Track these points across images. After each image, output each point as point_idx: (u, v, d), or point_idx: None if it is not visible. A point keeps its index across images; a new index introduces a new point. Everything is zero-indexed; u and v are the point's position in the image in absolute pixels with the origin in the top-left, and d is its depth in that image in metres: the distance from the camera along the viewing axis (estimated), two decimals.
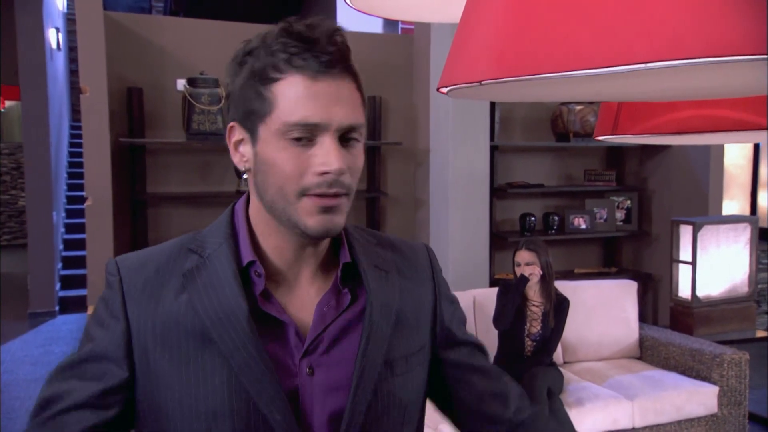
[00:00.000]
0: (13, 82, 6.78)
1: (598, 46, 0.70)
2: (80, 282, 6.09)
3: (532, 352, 2.94)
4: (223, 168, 3.81)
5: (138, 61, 3.71)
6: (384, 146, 4.12)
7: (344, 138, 0.76)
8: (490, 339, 3.00)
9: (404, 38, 4.34)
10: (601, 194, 4.68)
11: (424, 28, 4.11)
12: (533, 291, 2.98)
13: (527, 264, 2.94)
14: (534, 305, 2.97)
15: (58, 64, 7.19)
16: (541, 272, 2.94)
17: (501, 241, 4.36)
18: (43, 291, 5.89)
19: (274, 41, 0.74)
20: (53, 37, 6.51)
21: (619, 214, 4.71)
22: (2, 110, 10.39)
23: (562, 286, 3.22)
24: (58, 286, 6.18)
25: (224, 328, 0.76)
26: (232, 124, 0.79)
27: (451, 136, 3.91)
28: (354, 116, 0.75)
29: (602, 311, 3.45)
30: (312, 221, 0.75)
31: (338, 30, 0.75)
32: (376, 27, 6.35)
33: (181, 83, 3.71)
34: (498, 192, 4.35)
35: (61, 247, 6.73)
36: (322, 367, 0.79)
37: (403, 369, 0.83)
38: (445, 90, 1.03)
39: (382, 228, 4.20)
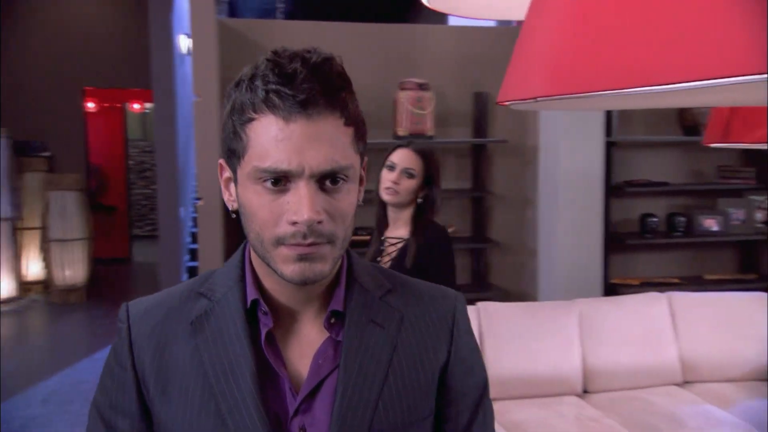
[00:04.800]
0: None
1: (652, 62, 0.63)
2: None
3: None
4: None
5: (245, 65, 3.83)
6: (490, 144, 3.97)
7: (330, 180, 0.69)
8: (598, 362, 2.78)
9: (510, 30, 4.14)
10: (738, 193, 4.22)
11: None
12: (395, 217, 2.11)
13: (404, 171, 2.04)
14: (391, 241, 2.10)
15: (187, 68, 7.67)
16: (413, 190, 2.06)
17: (618, 243, 4.07)
18: (171, 280, 6.34)
19: (258, 74, 0.68)
20: (183, 42, 6.96)
21: (760, 215, 4.22)
22: (147, 111, 11.31)
23: (683, 297, 2.92)
24: (185, 276, 6.63)
25: (228, 383, 0.72)
26: (220, 161, 0.75)
27: (562, 132, 3.71)
28: (334, 158, 0.68)
29: (729, 326, 3.09)
30: (289, 270, 0.69)
31: (328, 61, 0.68)
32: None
33: None
34: (615, 191, 4.07)
35: (188, 240, 7.21)
36: (314, 427, 0.72)
37: None
38: (506, 103, 1.00)
39: (488, 229, 4.06)
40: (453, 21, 6.93)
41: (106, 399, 0.77)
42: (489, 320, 2.74)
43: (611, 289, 3.98)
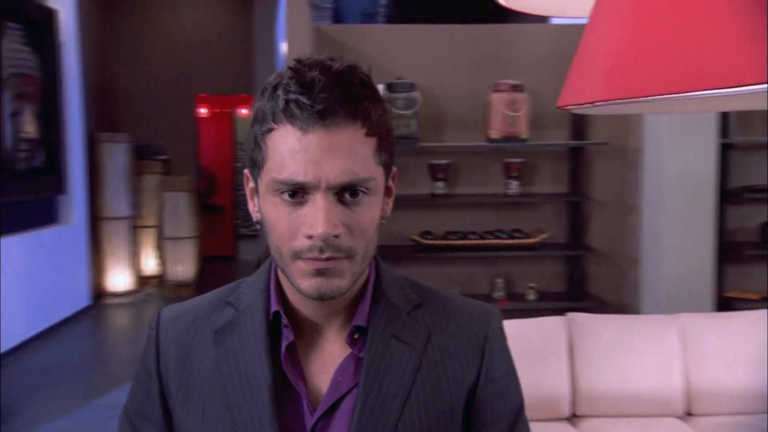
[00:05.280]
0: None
1: (706, 67, 0.63)
2: None
3: None
4: (415, 170, 3.84)
5: None
6: (589, 147, 3.78)
7: (350, 192, 0.66)
8: (703, 383, 2.55)
9: None
10: None
11: None
12: None
13: None
14: None
15: None
16: None
17: (734, 253, 3.75)
18: None
19: (281, 83, 0.66)
20: (286, 49, 7.21)
21: None
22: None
23: None
24: None
25: (244, 396, 0.70)
26: (245, 171, 0.74)
27: (669, 133, 3.48)
28: (353, 170, 0.65)
29: None
30: (306, 284, 0.67)
31: (351, 68, 0.65)
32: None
33: (380, 89, 3.81)
34: (731, 197, 3.76)
35: None
36: None
37: None
38: (568, 107, 0.99)
39: (586, 235, 3.86)
40: (552, 20, 6.69)
41: (133, 405, 0.79)
42: (579, 333, 2.60)
43: (725, 302, 3.68)
